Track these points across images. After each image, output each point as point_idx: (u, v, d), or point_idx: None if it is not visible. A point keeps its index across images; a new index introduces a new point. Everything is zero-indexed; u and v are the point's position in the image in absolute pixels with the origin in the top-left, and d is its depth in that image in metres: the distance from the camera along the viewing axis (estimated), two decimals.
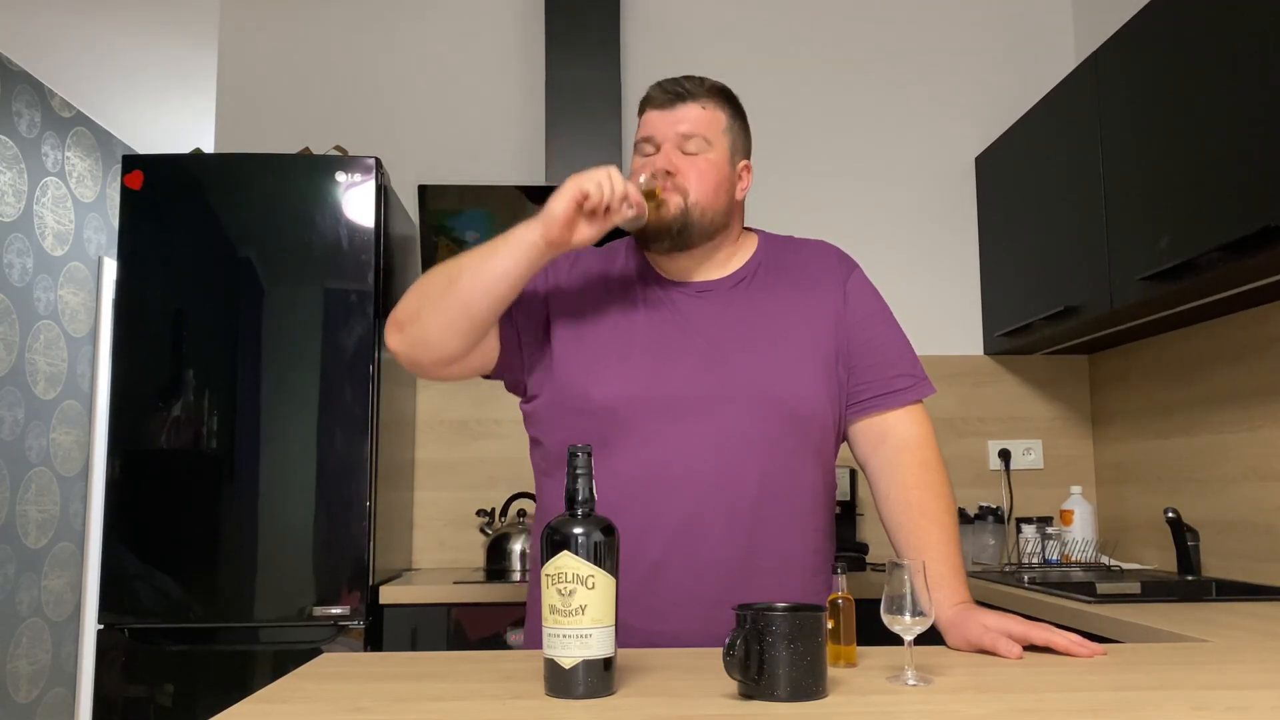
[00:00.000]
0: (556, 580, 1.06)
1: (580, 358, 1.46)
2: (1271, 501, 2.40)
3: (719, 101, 1.49)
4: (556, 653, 1.05)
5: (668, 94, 1.47)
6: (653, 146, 1.48)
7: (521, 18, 3.40)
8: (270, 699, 1.06)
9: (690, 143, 1.45)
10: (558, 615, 1.05)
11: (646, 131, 1.48)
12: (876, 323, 1.54)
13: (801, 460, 1.45)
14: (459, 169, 3.30)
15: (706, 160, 1.46)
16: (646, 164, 1.46)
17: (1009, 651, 1.25)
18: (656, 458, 1.40)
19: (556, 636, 1.05)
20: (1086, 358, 3.28)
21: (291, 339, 2.59)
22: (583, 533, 1.07)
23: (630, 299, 1.50)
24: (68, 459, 4.53)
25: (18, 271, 4.14)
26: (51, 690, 4.35)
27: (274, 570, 2.52)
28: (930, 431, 1.52)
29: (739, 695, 1.05)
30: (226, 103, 3.33)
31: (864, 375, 1.51)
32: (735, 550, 1.40)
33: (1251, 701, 1.02)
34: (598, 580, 1.06)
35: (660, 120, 1.47)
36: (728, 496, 1.40)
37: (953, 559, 1.42)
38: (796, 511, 1.45)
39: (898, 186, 3.38)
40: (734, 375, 1.43)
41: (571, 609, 1.05)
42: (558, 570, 1.06)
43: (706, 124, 1.47)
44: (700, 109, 1.47)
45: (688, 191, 1.45)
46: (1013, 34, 3.44)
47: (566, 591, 1.05)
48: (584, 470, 1.10)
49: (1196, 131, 2.13)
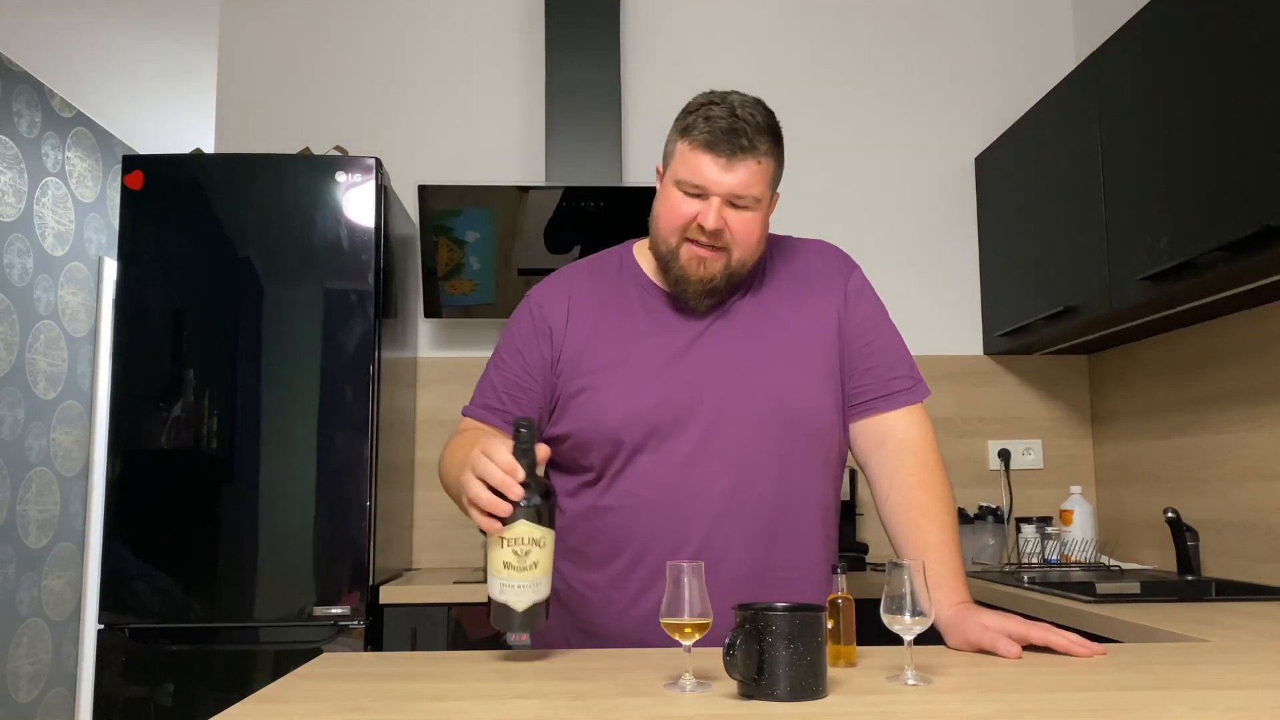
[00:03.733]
0: (514, 543, 1.22)
1: (595, 383, 1.45)
2: (1271, 501, 2.40)
3: (770, 147, 1.40)
4: (510, 599, 1.23)
5: (728, 145, 1.37)
6: (700, 196, 1.40)
7: (521, 18, 3.40)
8: (270, 699, 1.06)
9: (742, 199, 1.39)
10: (512, 570, 1.22)
11: (697, 179, 1.39)
12: (875, 325, 1.54)
13: (813, 471, 1.47)
14: (459, 169, 3.30)
15: (754, 217, 1.41)
16: (693, 217, 1.40)
17: (1008, 651, 1.25)
18: (673, 479, 1.41)
19: (511, 586, 1.22)
20: (1086, 358, 3.28)
21: (291, 339, 2.59)
22: (529, 499, 1.21)
23: (634, 320, 1.49)
24: (68, 459, 4.53)
25: (18, 271, 4.14)
26: (52, 690, 4.35)
27: (274, 570, 2.52)
28: (930, 432, 1.52)
29: (739, 695, 1.05)
30: (226, 103, 3.33)
31: (863, 377, 1.51)
32: (753, 566, 1.41)
33: (1251, 701, 1.02)
34: (548, 539, 1.23)
35: (714, 172, 1.38)
36: (746, 514, 1.41)
37: (952, 559, 1.42)
38: (811, 522, 1.47)
39: (898, 186, 3.37)
40: (747, 391, 1.43)
41: (526, 565, 1.22)
42: (515, 535, 1.21)
43: (759, 179, 1.40)
44: (757, 164, 1.39)
45: (733, 249, 1.41)
46: (1013, 34, 3.44)
47: (523, 552, 1.22)
48: (527, 444, 1.22)
49: (1196, 131, 2.13)
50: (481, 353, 3.23)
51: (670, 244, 1.43)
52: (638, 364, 1.45)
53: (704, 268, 1.42)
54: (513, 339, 1.54)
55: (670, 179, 1.43)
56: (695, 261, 1.42)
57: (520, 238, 3.03)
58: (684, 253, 1.42)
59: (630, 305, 1.51)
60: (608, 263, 1.58)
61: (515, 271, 3.05)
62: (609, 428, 1.42)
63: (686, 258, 1.42)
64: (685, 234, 1.42)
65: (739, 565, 1.40)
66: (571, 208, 3.03)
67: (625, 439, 1.42)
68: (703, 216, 1.39)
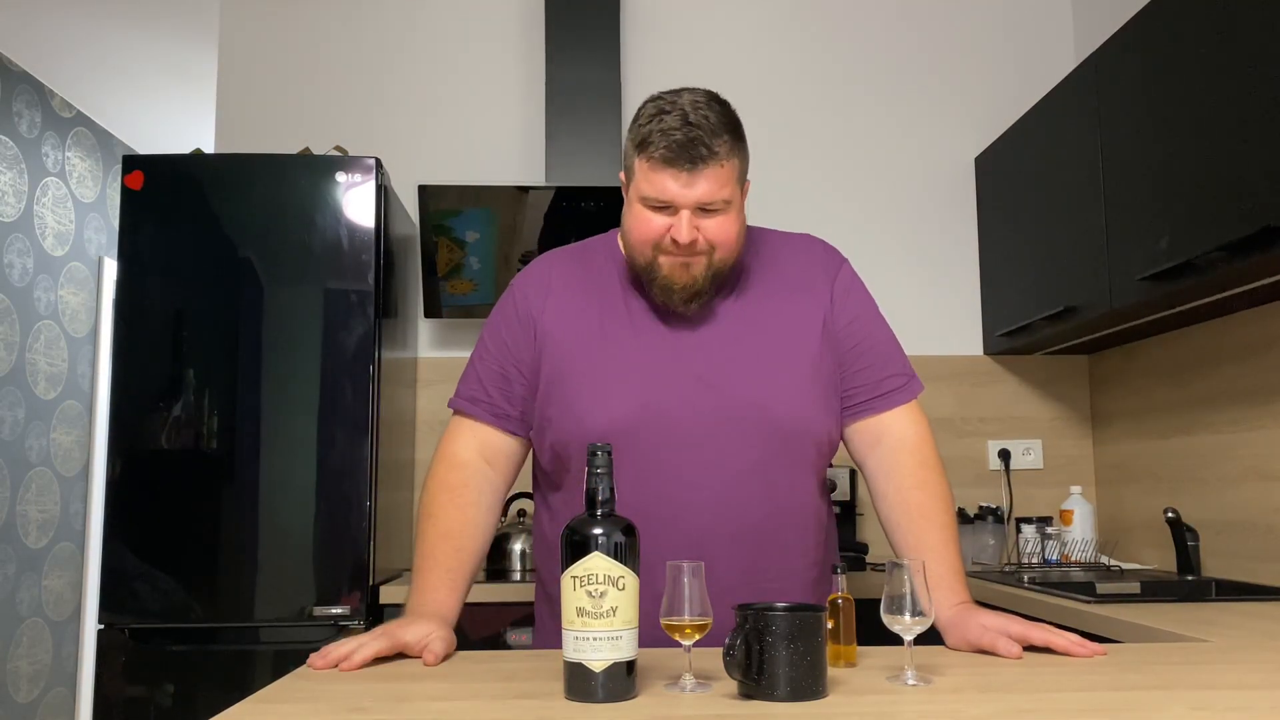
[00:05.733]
0: (586, 582, 1.03)
1: (576, 388, 1.43)
2: (1271, 501, 2.40)
3: (731, 144, 1.36)
4: (586, 656, 1.02)
5: (687, 158, 1.33)
6: (667, 209, 1.37)
7: (521, 18, 3.40)
8: (270, 699, 1.06)
9: (711, 204, 1.36)
10: (587, 618, 1.03)
11: (661, 195, 1.35)
12: (865, 323, 1.52)
13: (800, 476, 1.45)
14: (459, 169, 3.30)
15: (727, 217, 1.38)
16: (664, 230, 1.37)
17: (1008, 651, 1.25)
18: (659, 486, 1.39)
19: (586, 639, 1.03)
20: (1086, 358, 3.28)
21: (291, 339, 2.59)
22: (610, 533, 1.05)
23: (618, 320, 1.47)
24: (68, 459, 4.53)
25: (18, 271, 4.14)
26: (52, 690, 4.35)
27: (274, 570, 2.52)
28: (926, 429, 1.51)
29: (739, 695, 1.05)
30: (226, 103, 3.33)
31: (856, 379, 1.50)
32: (740, 575, 1.39)
33: (1251, 701, 1.02)
34: (628, 581, 1.05)
35: (677, 188, 1.34)
36: (732, 521, 1.40)
37: (952, 559, 1.42)
38: (798, 526, 1.46)
39: (898, 186, 3.37)
40: (733, 398, 1.41)
41: (603, 611, 1.03)
42: (588, 572, 1.03)
43: (726, 182, 1.36)
44: (720, 169, 1.34)
45: (712, 252, 1.39)
46: (1013, 34, 3.44)
47: (598, 593, 1.03)
48: (604, 469, 1.08)
49: (1196, 131, 2.13)
50: None
51: (647, 256, 1.41)
52: (620, 369, 1.43)
53: (687, 272, 1.39)
54: (497, 329, 1.52)
55: (635, 195, 1.40)
56: (678, 268, 1.39)
57: (520, 238, 3.03)
58: (663, 264, 1.39)
59: (612, 304, 1.48)
60: (593, 254, 1.54)
61: (515, 271, 3.04)
62: (588, 435, 1.37)
63: (668, 268, 1.39)
64: (660, 248, 1.39)
65: (725, 574, 1.37)
66: (571, 208, 3.03)
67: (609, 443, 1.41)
68: (675, 230, 1.36)
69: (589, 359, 1.44)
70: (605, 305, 1.48)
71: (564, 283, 1.51)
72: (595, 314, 1.47)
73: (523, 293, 1.52)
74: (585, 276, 1.51)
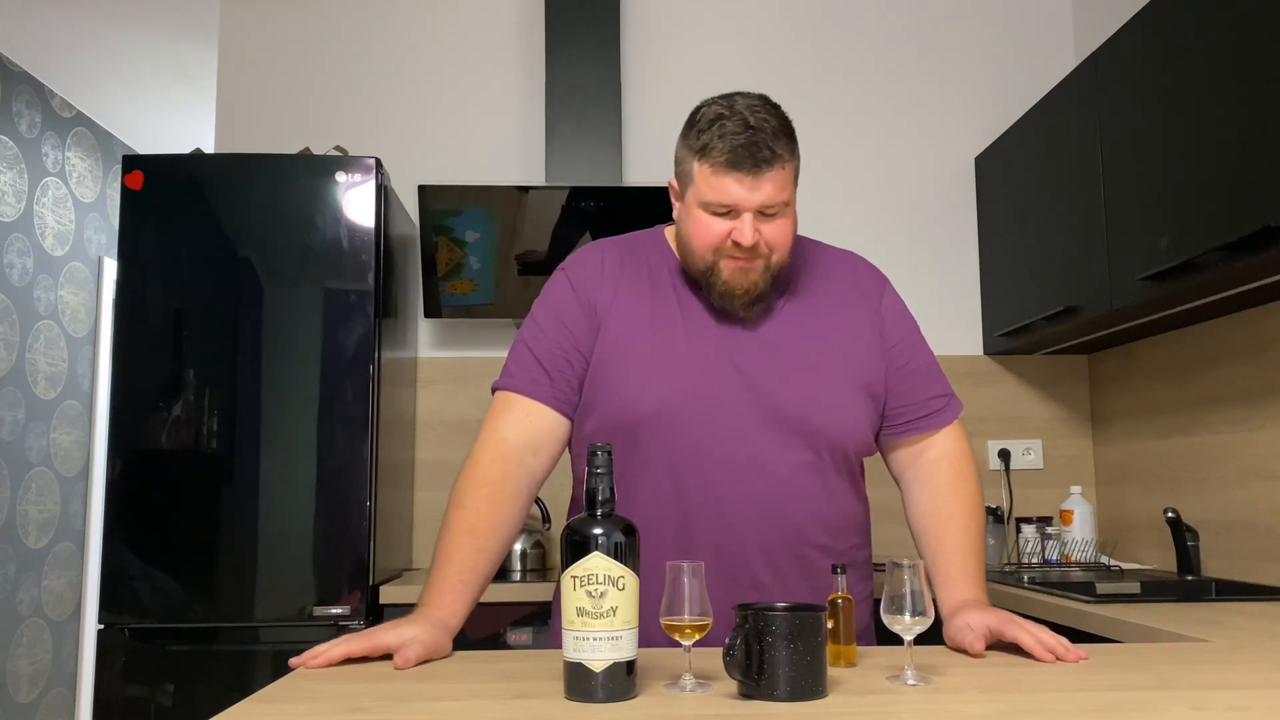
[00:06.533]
0: (586, 582, 1.04)
1: (623, 374, 1.44)
2: (1271, 501, 2.40)
3: (789, 147, 1.38)
4: (585, 656, 1.03)
5: (751, 161, 1.35)
6: (729, 214, 1.38)
7: (521, 18, 3.40)
8: (270, 699, 1.06)
9: (772, 207, 1.38)
10: (587, 617, 1.03)
11: (725, 199, 1.36)
12: (910, 345, 1.54)
13: (840, 480, 1.47)
14: (459, 169, 3.30)
15: (785, 220, 1.40)
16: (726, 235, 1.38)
17: (971, 647, 1.26)
18: (700, 477, 1.40)
19: (586, 639, 1.03)
20: (1086, 358, 3.28)
21: (291, 339, 2.59)
22: (610, 533, 1.05)
23: (669, 314, 1.47)
24: (68, 459, 4.53)
25: (18, 271, 4.14)
26: (52, 690, 4.35)
27: (274, 570, 2.52)
28: (965, 443, 1.54)
29: (739, 695, 1.05)
30: (226, 103, 3.33)
31: (902, 398, 1.52)
32: (773, 576, 1.42)
33: (1251, 701, 1.02)
34: (628, 581, 1.05)
35: (741, 191, 1.36)
36: (768, 524, 1.41)
37: (964, 560, 1.43)
38: (836, 530, 1.47)
39: (898, 186, 3.37)
40: (783, 400, 1.42)
41: (603, 611, 1.03)
42: (588, 572, 1.04)
43: (786, 184, 1.38)
44: (780, 170, 1.36)
45: (770, 255, 1.40)
46: (1013, 34, 3.44)
47: (597, 593, 1.03)
48: (604, 469, 1.08)
49: (1196, 131, 2.13)
50: (482, 353, 3.24)
51: (707, 260, 1.41)
52: (670, 359, 1.43)
53: (747, 277, 1.40)
54: (552, 310, 1.49)
55: (694, 201, 1.40)
56: (739, 273, 1.40)
57: (520, 237, 3.03)
58: (724, 267, 1.40)
59: (666, 296, 1.48)
60: (641, 248, 1.54)
61: (515, 271, 3.05)
62: (636, 417, 1.40)
63: (729, 272, 1.40)
64: (721, 252, 1.40)
65: (760, 573, 1.41)
66: (571, 208, 3.03)
67: (647, 435, 1.41)
68: (738, 234, 1.37)
69: (641, 347, 1.44)
70: (658, 299, 1.48)
71: (618, 272, 1.51)
72: (648, 306, 1.48)
73: (579, 277, 1.50)
74: (637, 269, 1.51)
